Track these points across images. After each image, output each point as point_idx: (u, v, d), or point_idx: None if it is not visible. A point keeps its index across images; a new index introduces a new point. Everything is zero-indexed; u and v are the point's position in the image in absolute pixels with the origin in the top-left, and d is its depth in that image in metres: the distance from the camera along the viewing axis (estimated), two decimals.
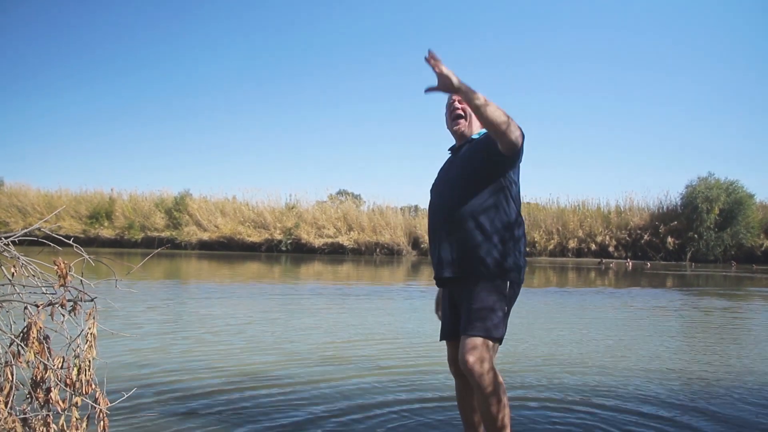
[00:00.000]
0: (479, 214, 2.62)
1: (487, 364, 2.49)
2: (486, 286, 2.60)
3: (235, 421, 3.42)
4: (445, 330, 2.86)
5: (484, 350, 2.50)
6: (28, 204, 35.46)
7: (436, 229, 2.77)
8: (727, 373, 4.91)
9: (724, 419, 3.64)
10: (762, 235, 30.13)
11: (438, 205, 2.79)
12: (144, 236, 34.17)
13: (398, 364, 5.04)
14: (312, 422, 3.41)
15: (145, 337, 5.93)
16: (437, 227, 2.76)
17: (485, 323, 2.54)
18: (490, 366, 2.50)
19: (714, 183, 30.12)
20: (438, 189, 2.87)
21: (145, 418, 3.38)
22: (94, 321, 2.18)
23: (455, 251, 2.65)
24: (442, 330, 2.88)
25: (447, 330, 2.84)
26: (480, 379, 2.46)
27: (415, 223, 32.01)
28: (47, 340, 2.19)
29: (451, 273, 2.67)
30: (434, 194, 2.89)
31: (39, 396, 2.13)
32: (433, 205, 2.85)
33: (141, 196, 37.40)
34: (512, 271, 2.64)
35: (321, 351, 5.48)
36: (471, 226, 2.62)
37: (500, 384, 2.51)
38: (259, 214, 34.11)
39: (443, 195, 2.78)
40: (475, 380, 2.47)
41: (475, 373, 2.46)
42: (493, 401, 2.47)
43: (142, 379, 4.30)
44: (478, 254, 2.61)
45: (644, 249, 30.34)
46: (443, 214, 2.72)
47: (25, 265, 2.25)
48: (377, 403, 3.81)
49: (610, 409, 3.81)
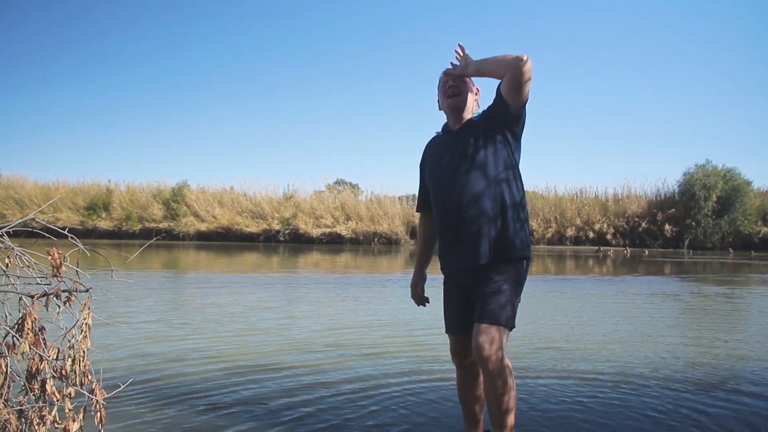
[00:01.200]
0: (496, 196, 2.60)
1: (502, 351, 2.49)
2: (506, 269, 2.60)
3: (234, 408, 3.42)
4: (457, 323, 2.76)
5: (500, 338, 2.50)
6: (25, 196, 35.36)
7: (449, 222, 2.69)
8: (729, 356, 4.92)
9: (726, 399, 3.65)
10: (759, 222, 30.22)
11: (450, 195, 2.67)
12: (142, 227, 34.14)
13: (397, 349, 5.04)
14: (311, 406, 3.41)
15: (143, 327, 5.92)
16: (451, 219, 2.67)
17: (502, 311, 2.53)
18: (504, 353, 2.51)
19: (711, 170, 30.15)
20: (444, 175, 2.72)
21: (143, 408, 3.37)
22: (89, 311, 2.16)
23: (476, 242, 2.60)
24: (454, 323, 2.79)
25: (459, 323, 2.75)
26: (494, 367, 2.45)
27: (413, 212, 31.95)
28: (42, 331, 2.17)
29: (473, 263, 2.62)
30: (441, 180, 2.74)
31: (34, 387, 2.11)
32: (442, 196, 2.72)
33: (138, 187, 37.32)
34: (527, 249, 2.67)
35: (320, 338, 5.48)
36: (490, 210, 2.59)
37: (510, 370, 2.52)
38: (256, 204, 34.08)
39: (455, 181, 2.66)
40: (488, 368, 2.46)
41: (491, 361, 2.45)
42: (503, 388, 2.47)
43: (140, 368, 4.29)
44: (502, 237, 2.60)
45: (642, 237, 30.39)
46: (460, 201, 2.63)
47: (20, 255, 2.23)
48: (376, 385, 3.81)
49: (608, 387, 3.81)
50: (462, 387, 2.86)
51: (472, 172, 2.63)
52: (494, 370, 2.46)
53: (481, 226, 2.59)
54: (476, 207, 2.60)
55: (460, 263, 2.69)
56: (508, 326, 2.55)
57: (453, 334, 2.80)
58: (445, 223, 2.73)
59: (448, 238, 2.73)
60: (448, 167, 2.71)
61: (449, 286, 2.82)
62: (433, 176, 2.82)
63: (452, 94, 2.79)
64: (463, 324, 2.71)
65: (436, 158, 2.83)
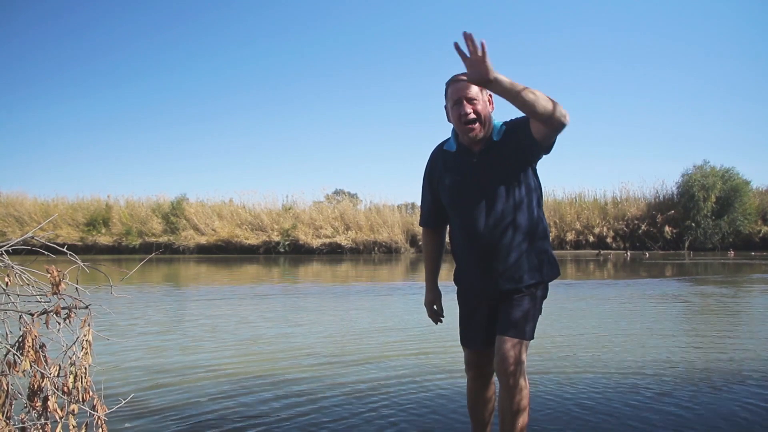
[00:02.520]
0: (527, 228, 2.58)
1: (523, 365, 2.52)
2: (536, 290, 2.63)
3: (237, 421, 3.42)
4: (480, 339, 2.71)
5: (522, 351, 2.52)
6: (25, 213, 35.35)
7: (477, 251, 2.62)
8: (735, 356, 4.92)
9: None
10: (759, 222, 30.20)
11: (479, 225, 2.58)
12: (142, 242, 34.10)
13: (397, 356, 5.03)
14: (316, 417, 3.40)
15: (144, 341, 5.92)
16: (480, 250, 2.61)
17: (526, 326, 2.56)
18: (525, 368, 2.53)
19: (710, 171, 30.15)
20: (472, 204, 2.60)
21: (145, 424, 3.37)
22: (90, 328, 2.17)
23: (507, 272, 2.58)
24: (477, 339, 2.73)
25: (482, 339, 2.70)
26: (516, 381, 2.47)
27: (412, 220, 31.95)
28: (43, 348, 2.18)
29: (505, 288, 2.60)
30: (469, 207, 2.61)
31: (36, 405, 2.12)
32: (470, 224, 2.61)
33: (138, 201, 37.32)
34: (552, 272, 2.69)
35: (322, 348, 5.48)
36: (523, 245, 2.58)
37: (527, 383, 2.54)
38: (256, 216, 34.07)
39: (482, 213, 2.57)
40: (510, 382, 2.47)
41: (514, 375, 2.47)
42: (521, 402, 2.49)
43: (141, 384, 4.29)
44: (531, 267, 2.60)
45: (642, 239, 30.37)
46: (491, 235, 2.57)
47: (20, 274, 2.24)
48: (377, 393, 3.81)
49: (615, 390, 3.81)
50: (474, 397, 2.82)
51: (498, 204, 2.56)
52: (515, 384, 2.47)
53: (513, 256, 2.57)
54: (503, 242, 2.56)
55: (489, 290, 2.65)
56: (529, 338, 2.57)
57: (474, 349, 2.76)
58: (471, 250, 2.66)
59: (474, 264, 2.67)
60: (471, 195, 2.61)
61: (470, 301, 2.77)
62: (454, 202, 2.68)
63: (469, 122, 2.55)
64: (487, 340, 2.69)
65: (454, 180, 2.66)
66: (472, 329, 2.75)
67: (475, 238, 2.61)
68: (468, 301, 2.78)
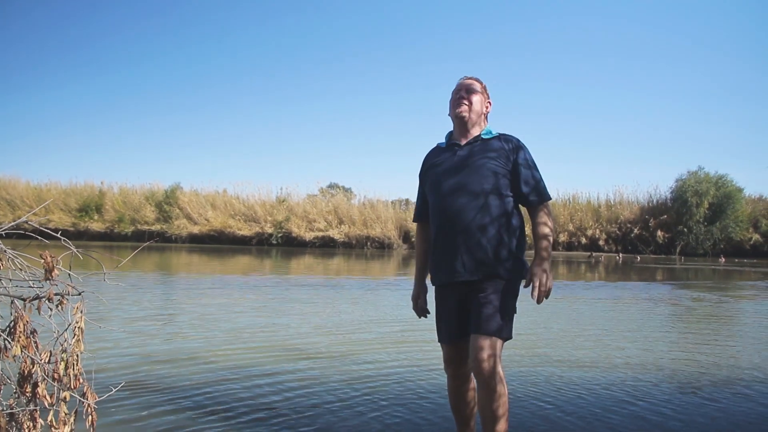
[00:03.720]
0: (498, 216, 2.62)
1: (499, 363, 2.52)
2: (504, 286, 2.61)
3: (226, 410, 3.42)
4: (450, 332, 2.73)
5: (497, 350, 2.52)
6: (17, 197, 35.20)
7: (449, 231, 2.68)
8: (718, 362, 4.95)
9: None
10: (751, 229, 30.37)
11: (451, 205, 2.67)
12: (134, 229, 34.04)
13: (385, 348, 5.04)
14: (302, 407, 3.41)
15: (134, 331, 5.90)
16: (451, 229, 2.67)
17: (500, 323, 2.55)
18: (498, 363, 2.52)
19: (704, 177, 30.30)
20: (448, 187, 2.71)
21: (135, 412, 3.36)
22: (82, 315, 2.16)
23: (476, 253, 2.61)
24: (447, 332, 2.75)
25: (453, 332, 2.72)
26: (491, 378, 2.48)
27: (405, 216, 31.99)
28: (34, 334, 2.17)
29: (473, 276, 2.62)
30: (440, 192, 2.74)
31: (26, 391, 2.11)
32: (443, 206, 2.71)
33: (131, 189, 37.23)
34: (525, 269, 2.68)
35: (310, 340, 5.48)
36: (491, 228, 2.60)
37: (502, 378, 2.53)
38: (249, 207, 34.04)
39: (456, 195, 2.66)
40: (485, 379, 2.48)
41: (488, 373, 2.48)
42: (497, 399, 2.49)
43: (132, 372, 4.28)
44: (499, 256, 2.60)
45: (634, 243, 30.52)
46: (460, 215, 2.64)
47: (12, 258, 2.22)
48: (365, 387, 3.82)
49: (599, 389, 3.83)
50: (454, 395, 2.83)
51: (472, 187, 2.64)
52: (490, 381, 2.48)
53: (486, 244, 2.60)
54: (473, 222, 2.61)
55: (455, 276, 2.67)
56: (503, 337, 2.56)
57: (447, 343, 2.77)
58: (440, 236, 2.72)
59: (443, 251, 2.71)
60: (449, 180, 2.71)
61: (444, 295, 2.79)
62: (433, 188, 2.79)
63: (460, 105, 2.79)
64: (458, 333, 2.70)
65: (437, 169, 2.80)
66: (445, 322, 2.77)
67: (445, 218, 2.68)
68: (440, 292, 2.82)
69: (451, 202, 2.67)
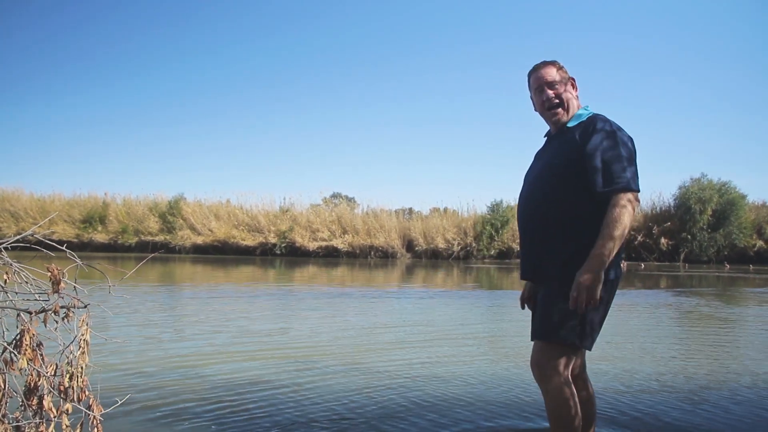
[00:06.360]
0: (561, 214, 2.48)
1: (549, 370, 2.43)
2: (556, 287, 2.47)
3: (233, 423, 3.41)
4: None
5: (546, 354, 2.46)
6: (21, 209, 35.26)
7: (521, 223, 2.67)
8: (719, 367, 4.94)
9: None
10: (755, 236, 30.27)
11: (525, 198, 2.65)
12: (138, 240, 34.06)
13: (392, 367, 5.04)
14: (304, 424, 3.41)
15: (140, 342, 5.91)
16: (522, 221, 2.65)
17: (548, 326, 2.46)
18: (554, 371, 2.41)
19: (707, 184, 30.22)
20: (528, 179, 2.70)
21: (140, 425, 3.36)
22: (87, 327, 2.17)
23: (536, 252, 2.56)
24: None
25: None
26: (541, 383, 2.46)
27: (409, 225, 31.98)
28: (40, 347, 2.18)
29: (532, 276, 2.60)
30: (525, 184, 2.71)
31: (32, 403, 2.12)
32: (521, 197, 2.70)
33: (135, 200, 37.27)
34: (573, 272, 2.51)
35: (316, 350, 5.48)
36: (551, 228, 2.50)
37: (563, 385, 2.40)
38: (253, 217, 34.05)
39: (531, 188, 2.64)
40: (538, 383, 2.48)
41: (537, 377, 2.48)
42: (550, 403, 2.45)
43: (137, 384, 4.28)
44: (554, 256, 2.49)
45: (638, 250, 30.42)
46: (529, 209, 2.61)
47: (18, 271, 2.24)
48: (367, 395, 3.81)
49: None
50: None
51: (538, 183, 2.61)
52: (541, 385, 2.47)
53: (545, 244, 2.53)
54: (534, 221, 2.57)
55: (522, 274, 2.66)
56: (553, 340, 2.44)
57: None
58: (519, 225, 2.71)
59: (521, 240, 2.68)
60: (529, 176, 2.71)
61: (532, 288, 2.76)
62: (524, 178, 2.76)
63: (552, 107, 2.65)
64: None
65: (532, 163, 2.79)
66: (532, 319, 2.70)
67: (520, 214, 2.67)
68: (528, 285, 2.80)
69: (525, 194, 2.67)
